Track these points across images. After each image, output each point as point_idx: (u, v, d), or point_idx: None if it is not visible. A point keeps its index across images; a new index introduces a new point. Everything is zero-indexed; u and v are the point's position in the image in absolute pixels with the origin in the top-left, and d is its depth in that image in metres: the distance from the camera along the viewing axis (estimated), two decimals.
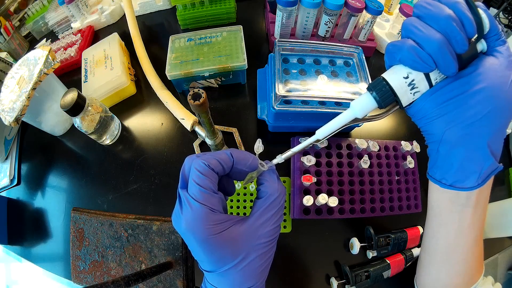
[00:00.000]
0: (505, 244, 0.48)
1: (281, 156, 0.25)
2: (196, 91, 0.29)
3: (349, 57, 0.45)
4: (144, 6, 0.65)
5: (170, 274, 0.39)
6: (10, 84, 0.44)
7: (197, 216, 0.20)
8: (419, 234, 0.43)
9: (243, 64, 0.47)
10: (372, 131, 0.50)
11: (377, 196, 0.43)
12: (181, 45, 0.50)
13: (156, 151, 0.47)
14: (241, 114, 0.50)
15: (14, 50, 0.68)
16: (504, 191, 0.51)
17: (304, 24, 0.50)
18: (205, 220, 0.20)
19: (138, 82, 0.55)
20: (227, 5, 0.58)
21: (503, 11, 0.74)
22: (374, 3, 0.48)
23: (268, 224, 0.22)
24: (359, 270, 0.39)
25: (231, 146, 0.45)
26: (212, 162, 0.22)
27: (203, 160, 0.22)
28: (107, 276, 0.41)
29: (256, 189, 0.25)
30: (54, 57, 0.45)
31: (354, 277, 0.38)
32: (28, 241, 0.47)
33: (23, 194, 0.49)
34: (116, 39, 0.56)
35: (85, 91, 0.50)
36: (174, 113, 0.49)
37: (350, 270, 0.38)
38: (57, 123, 0.50)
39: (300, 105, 0.41)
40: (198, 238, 0.20)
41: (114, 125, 0.48)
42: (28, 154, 0.52)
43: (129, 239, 0.40)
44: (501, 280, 1.08)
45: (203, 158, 0.22)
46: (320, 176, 0.42)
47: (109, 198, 0.44)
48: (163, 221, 0.40)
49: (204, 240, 0.20)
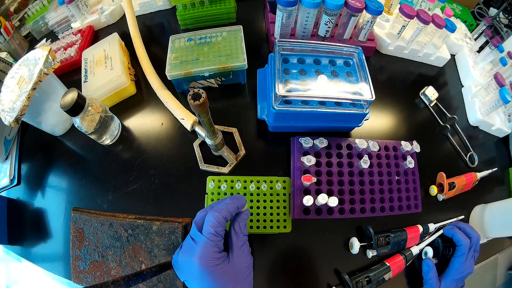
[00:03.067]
0: (505, 244, 0.48)
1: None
2: (196, 91, 0.29)
3: (349, 57, 0.45)
4: (144, 6, 0.65)
5: (170, 274, 0.39)
6: (10, 84, 0.44)
7: (208, 251, 0.28)
8: (419, 233, 0.43)
9: (243, 64, 0.47)
10: (372, 131, 0.50)
11: (377, 196, 0.43)
12: (181, 45, 0.50)
13: (156, 151, 0.47)
14: (241, 114, 0.50)
15: (14, 50, 0.68)
16: (504, 191, 0.51)
17: (304, 24, 0.50)
18: (212, 255, 0.28)
19: (138, 82, 0.55)
20: (227, 5, 0.58)
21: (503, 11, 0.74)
22: (374, 3, 0.48)
23: (245, 259, 0.31)
24: (359, 276, 0.39)
25: (231, 146, 0.45)
26: (225, 214, 0.29)
27: (219, 213, 0.29)
28: (107, 276, 0.40)
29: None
30: (54, 57, 0.45)
31: (355, 284, 0.38)
32: (28, 241, 0.47)
33: (23, 194, 0.49)
34: (116, 39, 0.56)
35: (85, 91, 0.50)
36: (174, 113, 0.49)
37: (350, 277, 0.38)
38: (57, 123, 0.49)
39: (300, 105, 0.41)
40: (204, 269, 0.28)
41: (114, 125, 0.48)
42: (28, 154, 0.52)
43: (129, 239, 0.40)
44: (501, 280, 1.08)
45: (218, 211, 0.29)
46: (320, 176, 0.42)
47: (109, 198, 0.44)
48: (163, 221, 0.40)
49: (208, 271, 0.28)
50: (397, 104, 0.54)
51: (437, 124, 0.53)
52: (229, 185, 0.42)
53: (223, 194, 0.42)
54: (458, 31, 0.64)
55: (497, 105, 0.50)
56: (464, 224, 0.42)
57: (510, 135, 0.55)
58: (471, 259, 0.40)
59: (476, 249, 0.40)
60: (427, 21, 0.51)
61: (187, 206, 0.42)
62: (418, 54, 0.59)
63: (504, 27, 0.74)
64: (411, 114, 0.53)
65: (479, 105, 0.54)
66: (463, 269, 0.39)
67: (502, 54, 0.55)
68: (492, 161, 0.53)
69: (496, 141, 0.55)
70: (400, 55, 0.59)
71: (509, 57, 0.54)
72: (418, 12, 0.51)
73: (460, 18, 0.70)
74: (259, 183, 0.42)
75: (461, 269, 0.39)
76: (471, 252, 0.40)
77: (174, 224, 0.39)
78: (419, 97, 0.55)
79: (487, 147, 0.54)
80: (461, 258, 0.39)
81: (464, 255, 0.39)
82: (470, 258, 0.39)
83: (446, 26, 0.51)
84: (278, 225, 0.41)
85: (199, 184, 0.43)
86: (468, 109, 0.56)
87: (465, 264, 0.39)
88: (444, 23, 0.51)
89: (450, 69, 0.61)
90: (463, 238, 0.40)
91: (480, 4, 0.77)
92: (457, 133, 0.53)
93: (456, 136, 0.53)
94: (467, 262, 0.39)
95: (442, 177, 0.47)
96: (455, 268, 0.39)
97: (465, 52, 0.61)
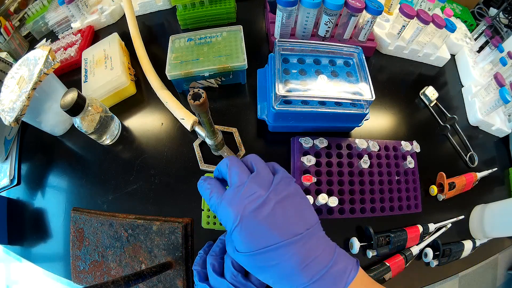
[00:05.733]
0: (505, 244, 0.49)
1: None
2: (196, 91, 0.29)
3: (349, 57, 0.45)
4: (144, 6, 0.65)
5: (170, 274, 0.39)
6: (10, 84, 0.44)
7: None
8: (419, 232, 0.43)
9: (243, 64, 0.47)
10: (372, 131, 0.50)
11: (377, 196, 0.43)
12: (181, 45, 0.50)
13: (156, 151, 0.47)
14: (241, 114, 0.50)
15: (14, 50, 0.68)
16: (504, 191, 0.51)
17: (304, 24, 0.50)
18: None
19: (138, 82, 0.55)
20: (227, 5, 0.58)
21: (503, 11, 0.74)
22: (374, 3, 0.48)
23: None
24: None
25: (231, 146, 0.45)
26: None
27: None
28: (107, 276, 0.41)
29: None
30: (54, 57, 0.45)
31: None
32: (28, 241, 0.47)
33: (23, 194, 0.49)
34: (116, 39, 0.56)
35: (85, 91, 0.50)
36: (174, 113, 0.49)
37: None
38: (57, 123, 0.50)
39: (300, 105, 0.41)
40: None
41: (114, 125, 0.48)
42: (28, 154, 0.52)
43: (129, 239, 0.40)
44: (501, 280, 1.08)
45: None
46: (320, 176, 0.42)
47: (109, 198, 0.44)
48: (163, 221, 0.40)
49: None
50: (397, 104, 0.54)
51: (437, 124, 0.53)
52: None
53: None
54: (458, 31, 0.64)
55: (497, 105, 0.51)
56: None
57: (510, 135, 0.55)
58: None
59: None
60: (427, 21, 0.51)
61: (187, 206, 0.42)
62: (418, 54, 0.59)
63: (504, 27, 0.74)
64: (411, 114, 0.53)
65: (479, 105, 0.54)
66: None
67: (502, 54, 0.56)
68: (492, 161, 0.53)
69: (496, 141, 0.55)
70: (400, 55, 0.59)
71: (509, 57, 0.54)
72: (418, 12, 0.51)
73: (460, 18, 0.70)
74: None
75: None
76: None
77: (174, 224, 0.39)
78: (419, 97, 0.55)
79: (487, 147, 0.54)
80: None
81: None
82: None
83: (446, 26, 0.51)
84: None
85: None
86: (468, 109, 0.56)
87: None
88: (444, 23, 0.51)
89: (450, 69, 0.61)
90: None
91: (480, 4, 0.77)
92: (457, 133, 0.53)
93: (456, 136, 0.53)
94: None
95: (442, 177, 0.47)
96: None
97: (465, 52, 0.61)
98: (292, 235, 0.23)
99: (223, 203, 0.25)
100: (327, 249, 0.24)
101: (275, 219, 0.24)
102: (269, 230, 0.23)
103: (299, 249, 0.23)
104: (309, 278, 0.23)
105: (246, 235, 0.24)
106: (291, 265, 0.23)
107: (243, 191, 0.25)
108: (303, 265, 0.23)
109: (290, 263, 0.23)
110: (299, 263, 0.23)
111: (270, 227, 0.23)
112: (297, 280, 0.23)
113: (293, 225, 0.24)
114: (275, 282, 0.25)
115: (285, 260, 0.23)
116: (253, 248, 0.24)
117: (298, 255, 0.23)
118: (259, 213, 0.24)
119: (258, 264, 0.24)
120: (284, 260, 0.23)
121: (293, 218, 0.24)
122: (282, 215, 0.24)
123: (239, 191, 0.25)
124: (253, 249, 0.24)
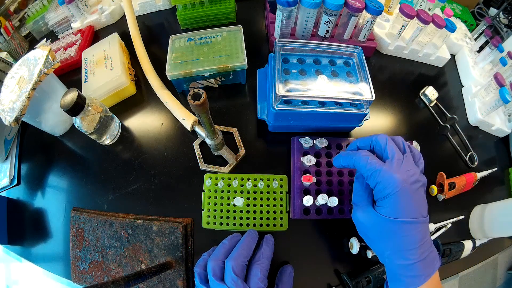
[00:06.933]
0: (505, 244, 0.48)
1: None
2: (196, 91, 0.29)
3: (349, 57, 0.45)
4: (144, 6, 0.65)
5: (170, 274, 0.39)
6: (10, 84, 0.44)
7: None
8: None
9: (243, 64, 0.47)
10: (372, 131, 0.50)
11: None
12: (181, 45, 0.50)
13: (156, 151, 0.47)
14: (241, 114, 0.50)
15: (14, 50, 0.68)
16: (504, 191, 0.51)
17: (304, 24, 0.50)
18: None
19: (138, 82, 0.55)
20: (227, 5, 0.58)
21: (503, 11, 0.74)
22: (374, 3, 0.48)
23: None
24: (359, 277, 0.38)
25: (231, 146, 0.45)
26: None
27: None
28: (107, 276, 0.41)
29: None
30: (54, 57, 0.45)
31: (355, 284, 0.38)
32: (28, 241, 0.47)
33: (23, 194, 0.49)
34: (116, 39, 0.56)
35: (85, 91, 0.50)
36: (174, 113, 0.49)
37: (350, 278, 0.38)
38: (57, 123, 0.50)
39: (300, 105, 0.41)
40: None
41: (114, 125, 0.48)
42: (28, 154, 0.52)
43: (129, 239, 0.40)
44: (501, 280, 1.08)
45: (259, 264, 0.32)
46: (320, 176, 0.42)
47: (109, 198, 0.44)
48: (163, 221, 0.40)
49: None
50: (397, 104, 0.54)
51: (437, 124, 0.53)
52: (226, 183, 0.42)
53: (220, 191, 0.42)
54: (458, 31, 0.63)
55: (497, 105, 0.50)
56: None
57: (510, 135, 0.55)
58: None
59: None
60: (427, 21, 0.51)
61: (187, 206, 0.42)
62: (418, 54, 0.59)
63: (504, 27, 0.74)
64: (411, 114, 0.53)
65: (479, 105, 0.54)
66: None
67: (502, 54, 0.55)
68: (492, 161, 0.53)
69: (496, 141, 0.55)
70: (400, 55, 0.59)
71: (509, 57, 0.54)
72: (418, 12, 0.51)
73: (460, 18, 0.70)
74: (256, 181, 0.42)
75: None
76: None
77: (174, 224, 0.39)
78: (419, 97, 0.55)
79: (487, 147, 0.54)
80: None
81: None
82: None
83: (446, 26, 0.51)
84: (275, 223, 0.41)
85: (199, 184, 0.43)
86: (468, 109, 0.56)
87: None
88: (444, 23, 0.51)
89: (450, 69, 0.61)
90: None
91: (480, 4, 0.77)
92: (457, 133, 0.53)
93: (456, 136, 0.53)
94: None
95: (442, 177, 0.47)
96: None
97: (465, 52, 0.61)
98: (422, 216, 0.28)
99: (385, 169, 0.28)
100: (429, 235, 0.29)
101: (419, 197, 0.29)
102: (415, 205, 0.28)
103: (423, 229, 0.28)
104: (419, 255, 0.27)
105: (401, 201, 0.27)
106: (415, 240, 0.27)
107: (403, 164, 0.29)
108: (420, 243, 0.27)
109: (415, 238, 0.27)
110: (419, 240, 0.27)
111: (416, 203, 0.28)
112: (411, 254, 0.27)
113: (423, 208, 0.29)
114: (393, 253, 0.28)
115: (413, 235, 0.27)
116: (401, 216, 0.27)
117: (421, 233, 0.28)
118: (415, 187, 0.28)
119: (393, 230, 0.28)
120: (413, 234, 0.27)
121: (423, 202, 0.29)
122: (421, 196, 0.29)
123: (401, 163, 0.29)
124: (400, 217, 0.27)
